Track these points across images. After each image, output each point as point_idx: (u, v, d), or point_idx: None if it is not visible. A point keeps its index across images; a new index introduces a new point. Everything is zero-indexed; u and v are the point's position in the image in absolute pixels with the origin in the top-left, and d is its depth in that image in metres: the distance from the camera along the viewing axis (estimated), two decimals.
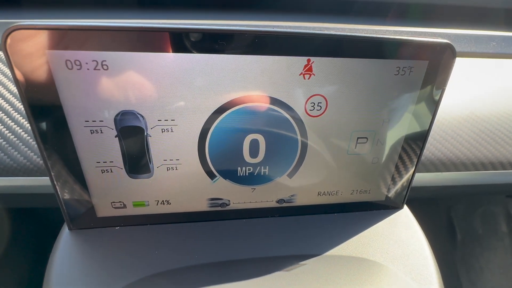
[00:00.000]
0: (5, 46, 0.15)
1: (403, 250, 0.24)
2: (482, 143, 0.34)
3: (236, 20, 0.37)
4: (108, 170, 0.21)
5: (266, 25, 0.37)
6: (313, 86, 0.20)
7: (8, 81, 0.30)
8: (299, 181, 0.24)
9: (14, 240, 0.43)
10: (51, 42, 0.16)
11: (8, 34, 0.15)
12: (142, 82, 0.18)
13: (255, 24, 0.37)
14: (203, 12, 0.38)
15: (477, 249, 0.55)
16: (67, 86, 0.17)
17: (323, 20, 0.40)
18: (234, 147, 0.21)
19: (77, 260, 0.21)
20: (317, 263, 0.22)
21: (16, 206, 0.34)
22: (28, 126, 0.28)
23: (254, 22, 0.37)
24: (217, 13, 0.38)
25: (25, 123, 0.29)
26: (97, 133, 0.19)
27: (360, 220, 0.26)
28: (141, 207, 0.23)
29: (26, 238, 0.45)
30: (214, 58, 0.18)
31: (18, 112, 0.29)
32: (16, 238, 0.43)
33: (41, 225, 0.46)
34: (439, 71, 0.21)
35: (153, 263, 0.21)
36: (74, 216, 0.22)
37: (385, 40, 0.19)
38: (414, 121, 0.23)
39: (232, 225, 0.24)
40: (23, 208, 0.41)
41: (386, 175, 0.25)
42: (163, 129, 0.20)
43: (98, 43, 0.16)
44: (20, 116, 0.29)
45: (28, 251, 0.45)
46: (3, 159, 0.28)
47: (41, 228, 0.46)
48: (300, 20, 0.39)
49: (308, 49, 0.18)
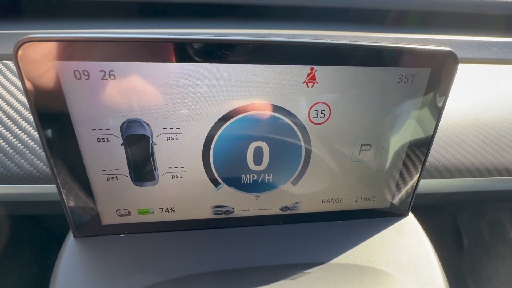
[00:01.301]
0: (17, 57, 0.16)
1: (409, 258, 0.23)
2: (487, 149, 0.34)
3: (238, 29, 0.38)
4: (113, 178, 0.21)
5: (268, 33, 0.38)
6: (317, 94, 0.20)
7: (15, 90, 0.30)
8: (303, 188, 0.24)
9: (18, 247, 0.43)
10: (61, 54, 0.16)
11: (19, 46, 0.16)
12: (148, 91, 0.18)
13: (257, 33, 0.38)
14: (206, 21, 0.39)
15: (484, 257, 0.54)
16: (75, 96, 0.18)
17: (324, 28, 0.40)
18: (238, 155, 0.21)
19: (83, 268, 0.21)
20: (322, 272, 0.22)
21: (22, 213, 0.34)
22: (35, 134, 0.29)
23: (257, 31, 0.38)
24: (219, 22, 0.39)
25: (31, 131, 0.29)
26: (104, 141, 0.19)
27: (365, 228, 0.25)
28: (146, 215, 0.23)
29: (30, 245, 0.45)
30: (218, 67, 0.18)
31: (25, 120, 0.29)
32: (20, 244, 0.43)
33: (45, 232, 0.46)
34: (442, 78, 0.21)
35: (158, 271, 0.21)
36: (79, 224, 0.22)
37: (387, 48, 0.19)
38: (418, 127, 0.23)
39: (236, 232, 0.24)
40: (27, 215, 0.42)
41: (391, 182, 0.25)
42: (168, 137, 0.20)
43: (106, 54, 0.17)
44: (27, 124, 0.29)
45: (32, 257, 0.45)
46: (10, 166, 0.28)
47: (45, 235, 0.47)
48: (301, 28, 0.40)
49: (311, 58, 0.19)
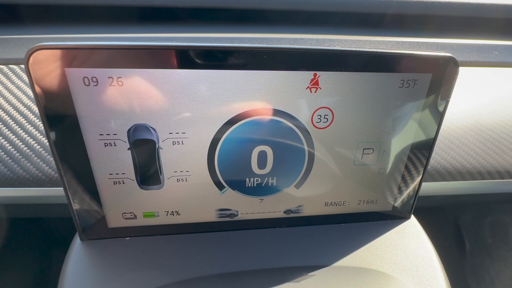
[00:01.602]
0: (28, 64, 0.16)
1: (412, 261, 0.24)
2: (489, 151, 0.34)
3: (240, 33, 0.38)
4: (120, 182, 0.21)
5: (269, 37, 0.38)
6: (320, 99, 0.20)
7: (21, 94, 0.31)
8: (306, 191, 0.24)
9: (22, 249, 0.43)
10: (71, 61, 0.17)
11: (31, 53, 0.16)
12: (155, 97, 0.19)
13: (259, 37, 0.38)
14: (209, 25, 0.39)
15: (487, 260, 0.54)
16: (83, 102, 0.18)
17: (325, 32, 0.41)
18: (242, 159, 0.22)
19: (89, 271, 0.21)
20: (325, 274, 0.22)
21: (28, 216, 0.34)
22: (41, 138, 0.29)
23: (258, 35, 0.38)
24: (221, 26, 0.40)
25: (37, 135, 0.29)
26: (111, 146, 0.20)
27: (368, 231, 0.26)
28: (151, 218, 0.23)
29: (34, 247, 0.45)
30: (224, 74, 0.19)
31: (31, 124, 0.30)
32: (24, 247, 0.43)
33: (48, 235, 0.47)
34: (443, 83, 0.21)
35: (163, 274, 0.21)
36: (86, 227, 0.23)
37: (389, 54, 0.19)
38: (419, 132, 0.23)
39: (240, 235, 0.24)
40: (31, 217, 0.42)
41: (393, 185, 0.25)
42: (174, 141, 0.20)
43: (114, 61, 0.17)
44: (33, 128, 0.30)
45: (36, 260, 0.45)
46: (17, 170, 0.29)
47: (48, 238, 0.47)
48: (303, 32, 0.40)
49: (315, 64, 0.19)
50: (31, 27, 0.37)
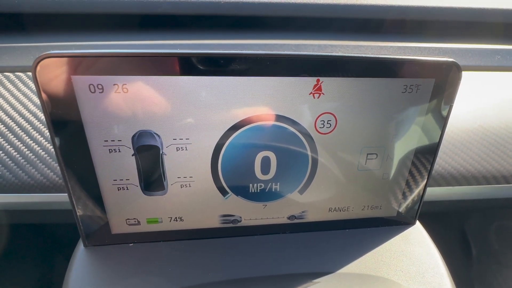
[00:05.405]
0: (35, 72, 0.17)
1: (418, 267, 0.23)
2: (493, 156, 0.34)
3: (244, 40, 0.39)
4: (124, 188, 0.21)
5: (272, 43, 0.39)
6: (323, 105, 0.20)
7: (27, 101, 0.31)
8: (310, 197, 0.24)
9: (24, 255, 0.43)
10: (77, 68, 0.17)
11: (39, 61, 0.16)
12: (159, 103, 0.19)
13: (263, 43, 0.38)
14: (212, 32, 0.40)
15: (494, 266, 0.53)
16: (89, 108, 0.18)
17: (327, 37, 0.41)
18: (246, 164, 0.22)
19: (93, 277, 0.21)
20: (329, 281, 0.22)
21: (32, 222, 0.34)
22: (45, 144, 0.30)
23: (262, 41, 0.39)
24: (224, 32, 0.40)
25: (42, 141, 0.30)
26: (115, 152, 0.20)
27: (372, 237, 0.25)
28: (155, 224, 0.23)
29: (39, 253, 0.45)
30: (227, 80, 0.19)
31: (36, 130, 0.30)
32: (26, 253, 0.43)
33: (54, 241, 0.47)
34: (446, 88, 0.21)
35: (167, 280, 0.21)
36: (89, 233, 0.23)
37: (392, 60, 0.19)
38: (423, 137, 0.23)
39: (243, 241, 0.24)
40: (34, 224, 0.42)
41: (397, 190, 0.25)
42: (178, 147, 0.20)
43: (120, 68, 0.17)
44: (38, 134, 0.30)
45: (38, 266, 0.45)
46: (21, 176, 0.29)
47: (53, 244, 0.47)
48: (305, 38, 0.40)
49: (318, 70, 0.19)
50: (36, 35, 0.37)
